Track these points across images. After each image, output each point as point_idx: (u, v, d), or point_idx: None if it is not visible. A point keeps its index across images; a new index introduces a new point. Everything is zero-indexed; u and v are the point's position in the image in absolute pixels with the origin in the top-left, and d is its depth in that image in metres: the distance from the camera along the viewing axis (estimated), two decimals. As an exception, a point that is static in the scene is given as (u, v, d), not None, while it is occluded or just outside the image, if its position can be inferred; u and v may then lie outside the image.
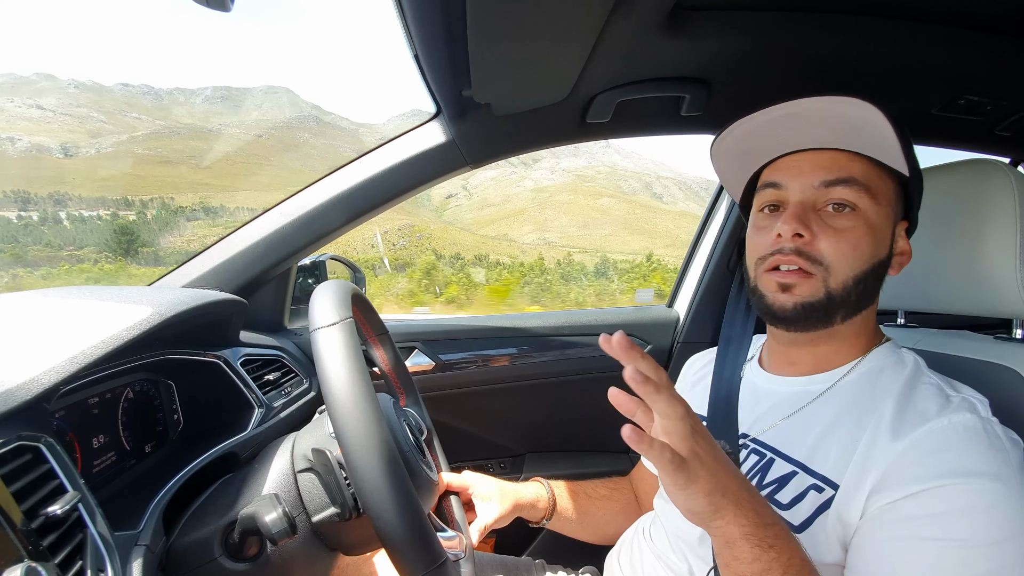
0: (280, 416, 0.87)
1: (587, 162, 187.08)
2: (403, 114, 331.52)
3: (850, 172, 0.59)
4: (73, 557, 0.43)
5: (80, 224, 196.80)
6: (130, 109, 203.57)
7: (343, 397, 0.48)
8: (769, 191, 0.64)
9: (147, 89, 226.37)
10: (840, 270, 0.58)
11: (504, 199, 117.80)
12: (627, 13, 0.65)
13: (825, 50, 0.77)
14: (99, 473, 0.65)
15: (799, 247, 0.59)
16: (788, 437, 0.62)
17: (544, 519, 0.87)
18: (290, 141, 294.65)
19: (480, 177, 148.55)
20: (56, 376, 0.48)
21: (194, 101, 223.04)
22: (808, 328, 0.62)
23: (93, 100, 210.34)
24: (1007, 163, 0.69)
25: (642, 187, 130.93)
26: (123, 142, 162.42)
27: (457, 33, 0.65)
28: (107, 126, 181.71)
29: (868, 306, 0.62)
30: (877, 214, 0.59)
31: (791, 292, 0.60)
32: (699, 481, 0.44)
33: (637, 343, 1.35)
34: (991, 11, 0.73)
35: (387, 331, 0.83)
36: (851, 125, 0.58)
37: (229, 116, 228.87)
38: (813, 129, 0.60)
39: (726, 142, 0.68)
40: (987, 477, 0.47)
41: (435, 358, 1.25)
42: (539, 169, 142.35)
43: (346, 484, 0.57)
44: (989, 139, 1.01)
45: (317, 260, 1.21)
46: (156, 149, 41.95)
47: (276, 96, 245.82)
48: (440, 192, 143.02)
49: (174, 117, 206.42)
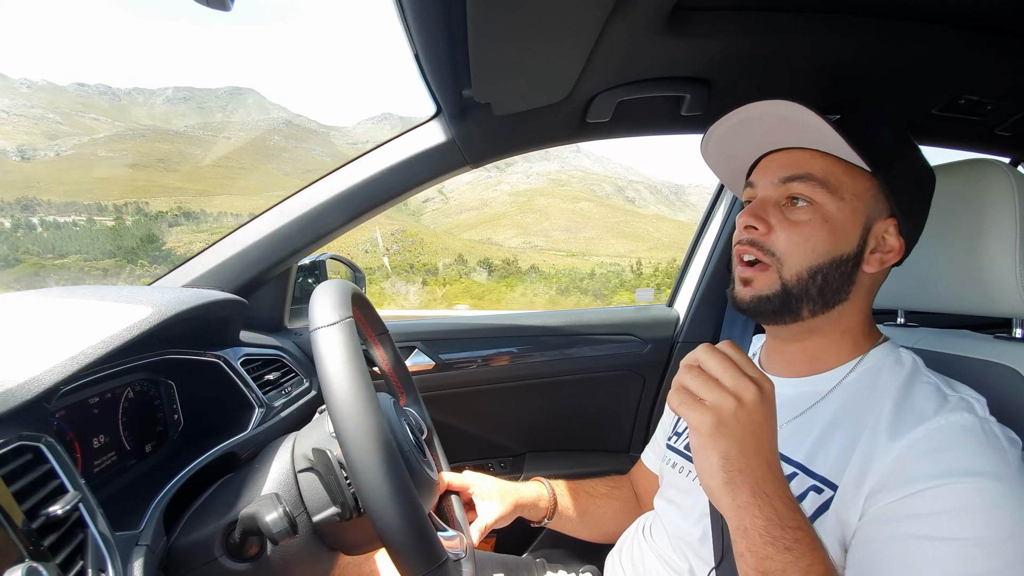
0: (280, 416, 0.87)
1: (560, 166, 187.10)
2: (373, 117, 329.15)
3: (809, 169, 0.61)
4: (74, 557, 0.43)
5: (56, 231, 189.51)
6: (87, 110, 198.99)
7: (343, 397, 0.48)
8: (748, 190, 0.68)
9: (104, 89, 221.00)
10: (792, 261, 0.60)
11: (482, 203, 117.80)
12: (627, 13, 0.65)
13: (825, 50, 0.77)
14: (100, 473, 0.65)
15: (754, 238, 0.63)
16: (789, 439, 0.62)
17: (545, 518, 0.88)
18: (261, 144, 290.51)
19: (456, 181, 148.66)
20: (56, 376, 0.48)
21: (154, 102, 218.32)
22: (776, 320, 0.64)
23: (47, 100, 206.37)
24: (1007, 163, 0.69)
25: (615, 191, 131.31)
26: (84, 144, 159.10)
27: (457, 33, 0.65)
28: (64, 127, 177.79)
29: (841, 302, 0.62)
30: (838, 208, 0.60)
31: (749, 286, 0.63)
32: (720, 439, 0.45)
33: (637, 343, 1.36)
34: (992, 11, 0.73)
35: (387, 330, 0.83)
36: (797, 125, 0.60)
37: (192, 117, 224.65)
38: (771, 131, 0.63)
39: (711, 147, 0.72)
40: (986, 477, 0.48)
41: (435, 358, 1.25)
42: (514, 173, 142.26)
43: (347, 484, 0.57)
44: (989, 139, 1.01)
45: (317, 260, 1.21)
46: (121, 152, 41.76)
47: (242, 97, 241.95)
48: (417, 196, 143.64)
49: (133, 118, 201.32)
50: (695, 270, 1.40)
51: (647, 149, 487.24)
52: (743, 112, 0.64)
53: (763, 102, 0.61)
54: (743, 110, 0.63)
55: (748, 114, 0.63)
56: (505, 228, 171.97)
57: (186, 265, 1.00)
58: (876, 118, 0.63)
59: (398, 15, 0.66)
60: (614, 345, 1.34)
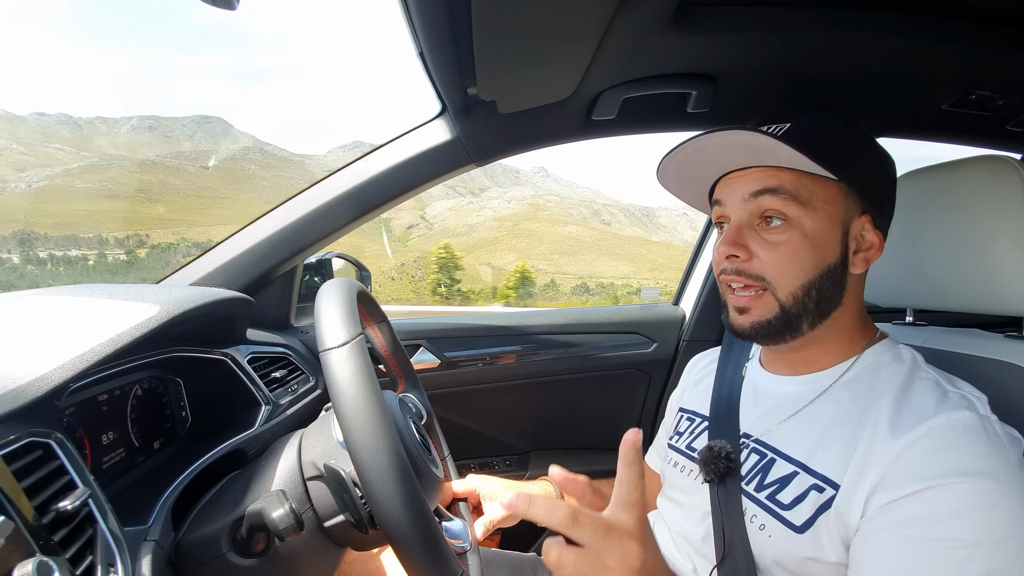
0: (287, 413, 0.88)
1: (533, 191, 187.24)
2: (344, 146, 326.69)
3: (778, 181, 0.60)
4: (84, 552, 0.44)
5: (68, 266, 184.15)
6: (49, 140, 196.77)
7: (359, 424, 0.49)
8: (716, 208, 0.67)
9: (65, 118, 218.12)
10: (783, 283, 0.60)
11: (468, 228, 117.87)
12: (633, 9, 0.65)
13: (833, 45, 0.76)
14: (109, 469, 0.66)
15: (738, 267, 0.62)
16: (789, 437, 0.61)
17: None
18: (239, 172, 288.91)
19: (437, 208, 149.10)
20: (66, 373, 0.49)
21: (118, 131, 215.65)
22: (779, 341, 0.63)
23: (7, 131, 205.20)
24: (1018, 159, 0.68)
25: (591, 214, 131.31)
26: (57, 175, 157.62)
27: (462, 31, 0.65)
28: (29, 158, 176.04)
29: (836, 307, 0.62)
30: (813, 220, 0.59)
31: (747, 314, 0.63)
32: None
33: (643, 341, 1.35)
34: (1002, 5, 0.72)
35: (387, 318, 0.83)
36: (754, 149, 0.59)
37: (159, 146, 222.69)
38: (730, 155, 0.62)
39: (669, 172, 0.70)
40: (986, 476, 0.47)
41: (440, 356, 1.25)
42: (491, 198, 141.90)
43: (362, 503, 0.57)
44: (1000, 135, 1.00)
45: (323, 258, 1.22)
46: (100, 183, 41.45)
47: (209, 126, 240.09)
48: (400, 223, 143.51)
49: (97, 147, 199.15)
50: (701, 268, 1.39)
51: (611, 173, 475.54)
52: (698, 143, 0.62)
53: (717, 133, 0.59)
54: (698, 141, 0.62)
55: (703, 143, 0.62)
56: (503, 253, 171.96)
57: (193, 264, 1.01)
58: (823, 121, 0.62)
59: (403, 13, 0.66)
60: (619, 343, 1.34)
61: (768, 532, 0.57)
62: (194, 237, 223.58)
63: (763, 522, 0.58)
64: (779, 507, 0.57)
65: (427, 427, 0.82)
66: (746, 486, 0.62)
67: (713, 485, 0.65)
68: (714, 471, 0.64)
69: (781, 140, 0.55)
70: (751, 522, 0.59)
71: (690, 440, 0.76)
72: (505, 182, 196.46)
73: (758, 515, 0.59)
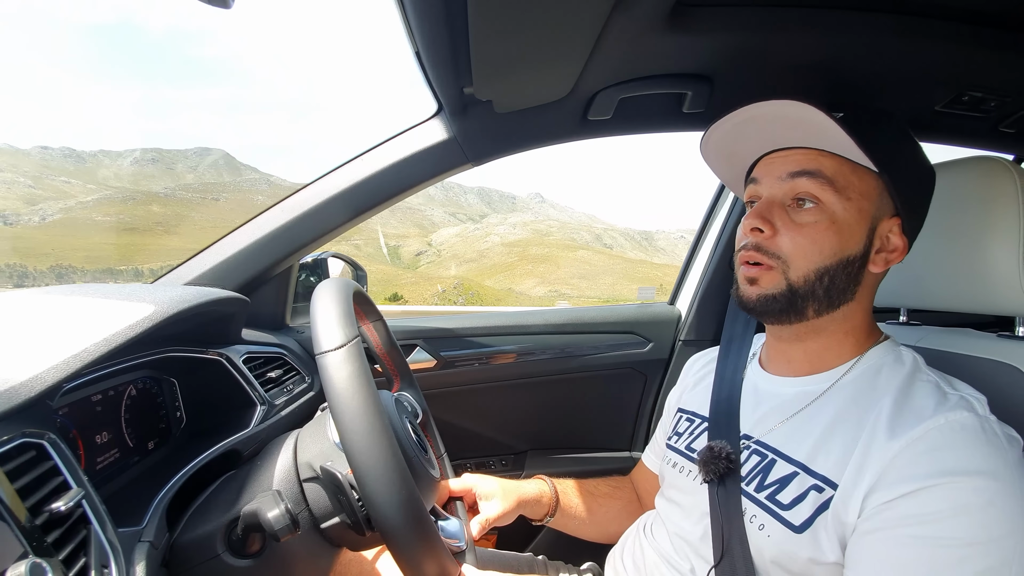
0: (282, 414, 0.88)
1: (533, 216, 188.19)
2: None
3: (818, 166, 0.60)
4: (77, 553, 0.44)
5: None
6: (54, 173, 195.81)
7: (356, 430, 0.49)
8: (751, 187, 0.67)
9: (68, 151, 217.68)
10: (798, 264, 0.60)
11: (479, 255, 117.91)
12: (629, 9, 0.65)
13: (828, 45, 0.77)
14: (103, 470, 0.65)
15: (758, 243, 0.62)
16: (789, 438, 0.62)
17: (547, 516, 0.88)
18: (248, 204, 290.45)
19: (443, 234, 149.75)
20: (59, 373, 0.49)
21: (121, 163, 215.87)
22: (781, 320, 0.64)
23: (11, 164, 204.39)
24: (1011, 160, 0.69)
25: (593, 238, 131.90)
26: (72, 208, 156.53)
27: (459, 30, 0.65)
28: (37, 191, 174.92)
29: (847, 301, 0.62)
30: (844, 209, 0.59)
31: (755, 285, 0.63)
32: None
33: (639, 341, 1.35)
34: (995, 6, 0.73)
35: (382, 317, 0.83)
36: (803, 125, 0.59)
37: (163, 179, 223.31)
38: (776, 130, 0.63)
39: (711, 145, 0.71)
40: (984, 475, 0.47)
41: (437, 355, 1.25)
42: (494, 224, 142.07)
43: (359, 506, 0.57)
44: (993, 136, 1.01)
45: (318, 258, 1.21)
46: (116, 216, 41.24)
47: (212, 158, 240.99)
48: (408, 249, 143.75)
49: (101, 180, 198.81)
50: (697, 268, 1.40)
51: (606, 197, 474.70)
52: (747, 111, 0.63)
53: (769, 102, 0.60)
54: (747, 109, 0.63)
55: (752, 113, 0.63)
56: (522, 278, 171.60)
57: (188, 263, 1.00)
58: (878, 116, 0.63)
59: (399, 12, 0.65)
60: (615, 343, 1.34)
61: (767, 532, 0.58)
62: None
63: (762, 522, 0.58)
64: (779, 507, 0.58)
65: (423, 425, 0.82)
66: (746, 486, 0.62)
67: (712, 485, 0.65)
68: (714, 471, 0.64)
69: (834, 119, 0.55)
70: (750, 522, 0.60)
71: (689, 441, 0.76)
72: (502, 208, 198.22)
73: (757, 515, 0.59)
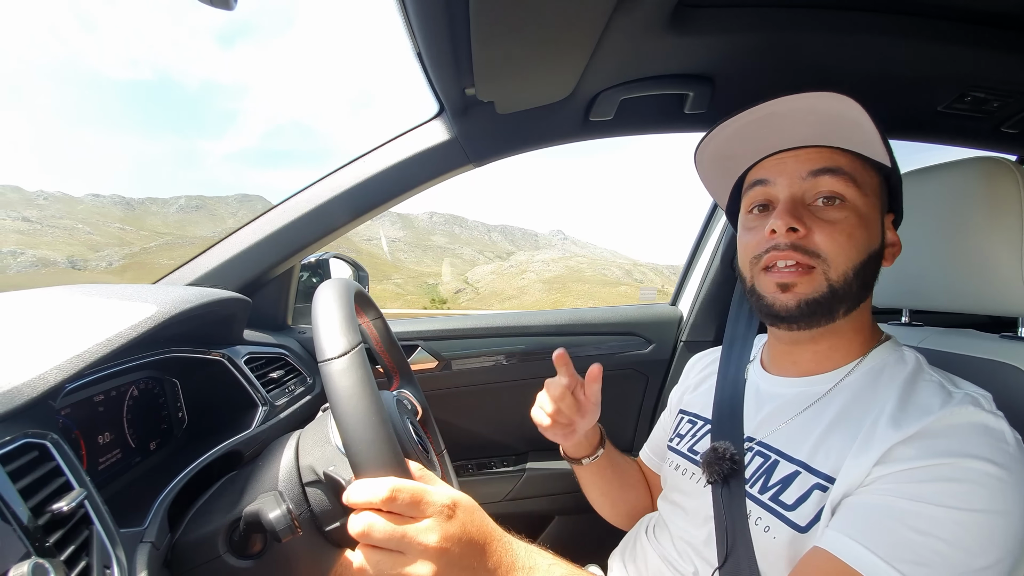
0: (283, 414, 0.88)
1: (560, 253, 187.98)
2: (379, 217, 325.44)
3: (837, 162, 0.60)
4: (79, 554, 0.44)
5: None
6: (108, 220, 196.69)
7: (361, 438, 0.48)
8: (757, 189, 0.64)
9: (118, 199, 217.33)
10: (839, 262, 0.58)
11: (519, 291, 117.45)
12: (630, 11, 0.65)
13: (829, 46, 0.77)
14: (105, 470, 0.65)
15: (795, 242, 0.58)
16: (792, 438, 0.62)
17: (594, 451, 0.85)
18: None
19: (478, 272, 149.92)
20: (62, 374, 0.49)
21: (167, 211, 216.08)
22: (812, 325, 0.62)
23: (66, 211, 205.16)
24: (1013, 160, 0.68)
25: (623, 274, 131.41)
26: (136, 254, 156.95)
27: (460, 31, 0.65)
28: (96, 238, 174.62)
29: (866, 299, 0.63)
30: (865, 204, 0.60)
31: (792, 291, 0.59)
32: None
33: (640, 342, 1.35)
34: (997, 7, 0.73)
35: (382, 315, 0.83)
36: (831, 120, 0.59)
37: (206, 225, 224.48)
38: (795, 127, 0.61)
39: (710, 147, 0.69)
40: (988, 462, 0.47)
41: (438, 356, 1.25)
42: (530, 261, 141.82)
43: None
44: (995, 136, 1.00)
45: (320, 258, 1.22)
46: (180, 260, 42.28)
47: (250, 204, 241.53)
48: (448, 288, 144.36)
49: (150, 226, 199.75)
50: (699, 269, 1.39)
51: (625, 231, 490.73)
52: (771, 106, 0.61)
53: (802, 95, 0.58)
54: (772, 104, 0.60)
55: (777, 108, 0.60)
56: None
57: (190, 264, 1.00)
58: (874, 113, 0.62)
59: (400, 13, 0.66)
60: (617, 344, 1.34)
61: (772, 534, 0.57)
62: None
63: (767, 524, 0.58)
64: (783, 508, 0.57)
65: (422, 422, 0.81)
66: (750, 488, 0.62)
67: (716, 487, 0.65)
68: (718, 473, 0.63)
69: (870, 116, 0.55)
70: (755, 524, 0.59)
71: (692, 443, 0.76)
72: (525, 245, 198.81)
73: (762, 517, 0.59)
